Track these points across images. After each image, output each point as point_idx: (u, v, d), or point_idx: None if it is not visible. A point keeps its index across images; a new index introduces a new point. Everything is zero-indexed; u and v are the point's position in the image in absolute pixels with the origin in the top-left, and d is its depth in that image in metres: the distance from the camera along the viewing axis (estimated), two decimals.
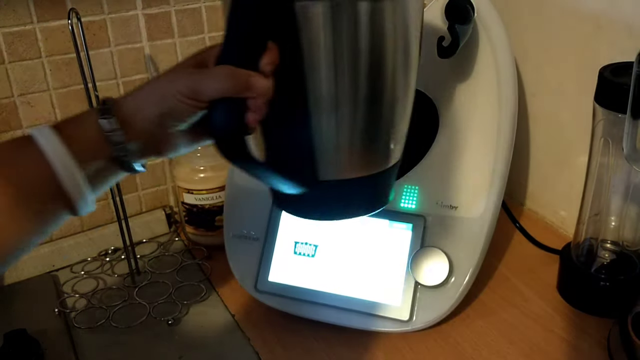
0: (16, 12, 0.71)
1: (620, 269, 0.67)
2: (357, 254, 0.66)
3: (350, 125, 0.48)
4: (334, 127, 0.47)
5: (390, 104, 0.49)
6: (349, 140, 0.48)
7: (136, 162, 0.44)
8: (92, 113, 0.42)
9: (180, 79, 0.42)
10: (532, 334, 0.64)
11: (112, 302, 0.73)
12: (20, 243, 0.40)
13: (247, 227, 0.70)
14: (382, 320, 0.63)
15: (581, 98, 0.74)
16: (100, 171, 0.42)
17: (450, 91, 0.69)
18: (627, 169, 0.63)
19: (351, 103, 0.46)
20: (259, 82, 0.41)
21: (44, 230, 0.41)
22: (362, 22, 0.44)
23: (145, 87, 0.44)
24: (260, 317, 0.69)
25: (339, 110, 0.46)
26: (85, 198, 0.41)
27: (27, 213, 0.40)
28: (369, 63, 0.45)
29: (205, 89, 0.41)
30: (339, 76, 0.45)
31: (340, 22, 0.43)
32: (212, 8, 0.82)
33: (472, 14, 0.65)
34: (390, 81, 0.48)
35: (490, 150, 0.65)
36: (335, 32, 0.44)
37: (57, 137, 0.40)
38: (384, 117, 0.49)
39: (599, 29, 0.70)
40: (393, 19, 0.46)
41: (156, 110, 0.42)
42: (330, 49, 0.44)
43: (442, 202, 0.65)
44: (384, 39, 0.46)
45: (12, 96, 0.74)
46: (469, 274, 0.63)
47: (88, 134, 0.41)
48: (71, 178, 0.40)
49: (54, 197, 0.40)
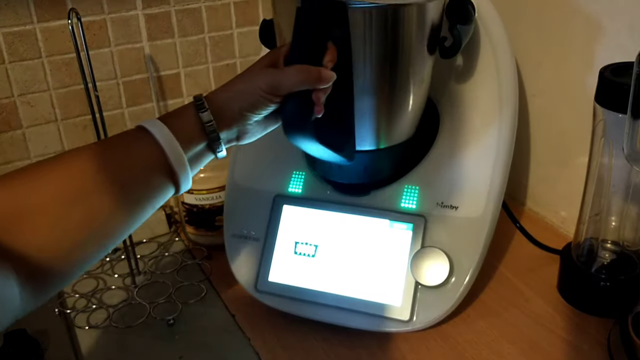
0: (16, 12, 0.71)
1: (620, 269, 0.67)
2: (358, 254, 0.66)
3: (382, 108, 0.61)
4: (371, 110, 0.61)
5: (411, 90, 0.62)
6: (381, 119, 0.62)
7: (221, 148, 0.52)
8: (190, 107, 0.51)
9: (260, 77, 0.51)
10: (533, 334, 0.64)
11: (112, 302, 0.73)
12: (133, 220, 0.48)
13: (247, 227, 0.70)
14: (383, 320, 0.63)
15: (581, 98, 0.74)
16: (197, 155, 0.51)
17: (450, 91, 0.69)
18: (627, 169, 0.63)
19: (382, 90, 0.60)
20: (328, 75, 0.51)
21: (154, 205, 0.49)
22: (392, 24, 0.56)
23: (229, 85, 0.52)
24: (260, 317, 0.69)
25: (375, 96, 0.60)
26: (187, 175, 0.50)
27: (137, 190, 0.47)
28: (397, 55, 0.58)
29: (285, 84, 0.50)
30: (376, 68, 0.58)
31: (379, 24, 0.55)
32: (212, 8, 0.82)
33: (472, 14, 0.65)
34: (412, 70, 0.60)
35: (490, 150, 0.65)
36: (375, 32, 0.56)
37: (165, 126, 0.48)
38: (406, 101, 0.62)
39: (599, 29, 0.70)
40: (417, 21, 0.57)
41: (240, 104, 0.51)
42: (370, 45, 0.56)
43: (442, 202, 0.65)
44: (410, 36, 0.57)
45: (12, 96, 0.74)
46: (469, 274, 0.63)
47: (189, 124, 0.50)
48: (178, 159, 0.48)
49: (163, 174, 0.48)
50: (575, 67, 0.75)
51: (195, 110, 0.50)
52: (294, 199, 0.69)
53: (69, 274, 0.45)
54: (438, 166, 0.67)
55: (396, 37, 0.57)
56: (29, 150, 0.77)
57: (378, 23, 0.56)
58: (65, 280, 0.45)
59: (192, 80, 0.85)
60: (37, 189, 0.43)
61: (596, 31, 0.71)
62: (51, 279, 0.43)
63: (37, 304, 0.44)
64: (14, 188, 0.43)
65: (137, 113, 0.82)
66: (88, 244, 0.45)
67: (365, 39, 0.56)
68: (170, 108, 0.84)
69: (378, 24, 0.56)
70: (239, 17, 0.85)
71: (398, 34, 0.57)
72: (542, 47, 0.79)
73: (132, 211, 0.47)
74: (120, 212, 0.46)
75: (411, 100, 0.63)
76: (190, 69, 0.84)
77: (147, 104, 0.83)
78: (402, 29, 0.57)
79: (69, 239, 0.43)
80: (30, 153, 0.77)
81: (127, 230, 0.49)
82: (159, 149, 0.47)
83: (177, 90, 0.84)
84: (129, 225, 0.48)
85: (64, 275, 0.45)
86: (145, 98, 0.82)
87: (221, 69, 0.86)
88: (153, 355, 0.65)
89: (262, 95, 0.51)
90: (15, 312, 0.41)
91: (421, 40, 0.59)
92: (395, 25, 0.56)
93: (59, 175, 0.45)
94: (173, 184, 0.50)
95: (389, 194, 0.67)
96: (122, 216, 0.47)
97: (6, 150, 0.76)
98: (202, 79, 0.85)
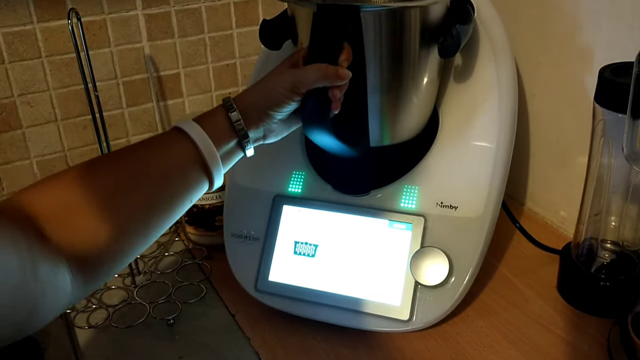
0: (16, 12, 0.71)
1: (620, 269, 0.67)
2: (357, 253, 0.66)
3: (391, 105, 0.64)
4: (382, 107, 0.64)
5: (418, 88, 0.64)
6: (392, 116, 0.65)
7: (250, 146, 0.56)
8: (219, 109, 0.55)
9: (282, 77, 0.55)
10: (532, 334, 0.64)
11: (112, 302, 0.73)
12: (173, 211, 0.52)
13: (247, 227, 0.70)
14: (382, 320, 0.63)
15: (581, 98, 0.74)
16: (228, 152, 0.55)
17: (450, 91, 0.69)
18: (627, 169, 0.63)
19: (392, 87, 0.63)
20: (344, 73, 0.55)
21: (191, 198, 0.53)
22: (400, 24, 0.59)
23: (254, 87, 0.56)
24: (260, 317, 0.69)
25: (386, 94, 0.63)
26: (220, 171, 0.53)
27: (176, 184, 0.51)
28: (405, 54, 0.61)
29: (305, 81, 0.54)
30: (386, 67, 0.61)
31: (388, 25, 0.59)
32: (212, 8, 0.82)
33: (472, 14, 0.65)
34: (419, 69, 0.63)
35: (490, 150, 0.65)
36: (385, 32, 0.59)
37: (198, 126, 0.52)
38: (412, 99, 0.65)
39: (599, 29, 0.70)
40: (423, 22, 0.60)
41: (265, 103, 0.55)
42: (380, 45, 0.59)
43: (442, 202, 0.65)
44: (416, 36, 0.60)
45: (12, 96, 0.74)
46: (469, 274, 0.63)
47: (220, 124, 0.54)
48: (211, 155, 0.52)
49: (199, 170, 0.52)
50: (575, 67, 0.75)
51: (225, 111, 0.54)
52: (294, 199, 0.70)
53: (116, 263, 0.49)
54: (438, 166, 0.67)
55: (404, 36, 0.60)
56: (29, 150, 0.77)
57: (387, 24, 0.59)
58: (113, 269, 0.49)
59: (192, 80, 0.85)
60: (84, 185, 0.47)
61: (596, 31, 0.71)
62: (99, 268, 0.47)
63: (86, 292, 0.48)
64: (63, 185, 0.47)
65: (137, 113, 0.82)
66: (133, 234, 0.49)
67: (376, 38, 0.59)
68: (170, 108, 0.84)
69: (387, 24, 0.59)
70: (239, 17, 0.85)
71: (405, 33, 0.60)
72: (542, 47, 0.79)
73: (171, 203, 0.52)
74: (161, 204, 0.51)
75: (418, 98, 0.65)
76: (190, 69, 0.84)
77: (147, 104, 0.83)
78: (409, 29, 0.60)
79: (116, 230, 0.47)
80: (30, 153, 0.77)
81: (168, 222, 0.53)
82: (194, 147, 0.52)
83: (177, 90, 0.84)
84: (168, 216, 0.52)
85: (111, 264, 0.48)
86: (145, 98, 0.82)
87: (221, 69, 0.86)
88: (153, 355, 0.65)
89: (284, 94, 0.55)
90: (68, 299, 0.45)
91: (428, 40, 0.61)
92: (402, 25, 0.59)
93: (105, 171, 0.49)
94: (207, 178, 0.53)
95: (388, 194, 0.67)
96: (162, 208, 0.51)
97: (6, 150, 0.76)
98: (202, 79, 0.85)
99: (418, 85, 0.64)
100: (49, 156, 0.78)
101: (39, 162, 0.78)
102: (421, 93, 0.65)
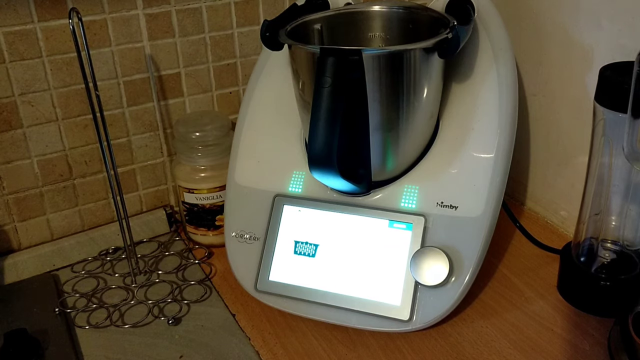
0: (17, 12, 0.71)
1: (620, 268, 0.67)
2: (357, 253, 0.66)
3: (394, 143, 0.65)
4: (384, 145, 0.65)
5: (419, 126, 0.66)
6: (394, 153, 0.66)
7: None
8: None
9: None
10: (533, 334, 0.64)
11: (112, 302, 0.73)
12: None
13: (247, 227, 0.70)
14: (382, 319, 0.63)
15: (581, 97, 0.74)
16: None
17: (450, 91, 0.69)
18: (627, 168, 0.63)
19: (393, 126, 0.64)
20: None
21: None
22: (399, 65, 0.60)
23: None
24: (260, 317, 0.69)
25: (388, 132, 0.64)
26: None
27: None
28: (407, 94, 0.62)
29: None
30: (387, 106, 0.62)
31: (388, 67, 0.60)
32: (213, 8, 0.82)
33: (472, 14, 0.65)
34: (422, 108, 0.65)
35: (490, 150, 0.65)
36: (386, 73, 0.60)
37: None
38: (411, 136, 0.66)
39: (599, 29, 0.70)
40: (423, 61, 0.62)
41: None
42: (382, 85, 0.60)
43: (442, 202, 0.65)
44: (418, 75, 0.62)
45: (13, 95, 0.74)
46: (469, 274, 0.63)
47: None
48: None
49: None
50: (575, 66, 0.75)
51: None
52: (294, 198, 0.70)
53: None
54: (438, 166, 0.67)
55: (404, 76, 0.61)
56: (30, 150, 0.77)
57: (387, 65, 0.60)
58: None
59: (193, 80, 0.85)
60: None
61: (596, 31, 0.71)
62: None
63: None
64: None
65: (137, 112, 0.82)
66: None
67: (376, 79, 0.60)
68: (171, 107, 0.84)
69: (387, 66, 0.60)
70: (240, 17, 0.85)
71: (405, 73, 0.61)
72: (542, 47, 0.79)
73: None
74: None
75: (420, 132, 0.67)
76: (190, 69, 0.84)
77: (148, 104, 0.83)
78: (409, 69, 0.61)
79: None
80: (31, 152, 0.77)
81: None
82: None
83: (177, 89, 0.84)
84: None
85: None
86: (146, 97, 0.82)
87: (222, 68, 0.86)
88: (153, 355, 0.65)
89: None
90: None
91: (429, 77, 0.63)
92: (401, 65, 0.60)
93: None
94: None
95: (388, 194, 0.67)
96: None
97: (7, 150, 0.76)
98: (203, 78, 0.85)
99: (419, 121, 0.65)
100: (49, 155, 0.78)
101: (39, 161, 0.78)
102: (424, 126, 0.67)
